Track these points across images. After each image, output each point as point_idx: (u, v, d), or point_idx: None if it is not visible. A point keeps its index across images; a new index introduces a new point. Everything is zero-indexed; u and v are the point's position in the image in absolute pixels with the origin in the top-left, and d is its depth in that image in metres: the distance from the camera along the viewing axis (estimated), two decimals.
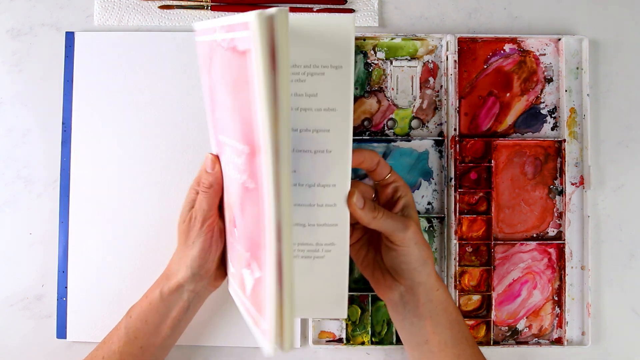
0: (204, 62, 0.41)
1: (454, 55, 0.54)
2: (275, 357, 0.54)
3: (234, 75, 0.34)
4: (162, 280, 0.46)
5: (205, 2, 0.55)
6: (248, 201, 0.36)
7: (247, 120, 0.33)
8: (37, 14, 0.56)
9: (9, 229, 0.55)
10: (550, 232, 0.55)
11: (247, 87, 0.32)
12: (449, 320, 0.44)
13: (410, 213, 0.44)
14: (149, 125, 0.55)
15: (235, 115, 0.35)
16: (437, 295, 0.44)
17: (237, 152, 0.36)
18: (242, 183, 0.36)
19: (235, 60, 0.33)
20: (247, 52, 0.31)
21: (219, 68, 0.37)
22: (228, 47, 0.34)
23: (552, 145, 0.55)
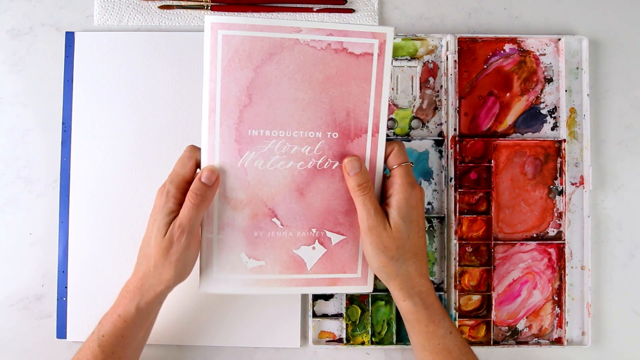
0: (244, 57, 0.42)
1: (454, 55, 0.54)
2: (273, 355, 0.54)
3: (331, 71, 0.43)
4: (135, 294, 0.43)
5: (205, 2, 0.55)
6: (319, 181, 0.44)
7: (342, 110, 0.43)
8: (37, 14, 0.56)
9: (9, 229, 0.55)
10: (550, 232, 0.55)
11: (356, 82, 0.43)
12: (424, 331, 0.44)
13: (391, 214, 0.43)
14: (148, 125, 0.55)
15: (314, 107, 0.43)
16: (403, 305, 0.44)
17: (305, 141, 0.44)
18: (312, 167, 0.44)
19: (341, 60, 0.42)
20: (366, 55, 0.43)
21: (291, 64, 0.42)
22: (327, 47, 0.42)
23: (552, 145, 0.55)
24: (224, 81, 0.42)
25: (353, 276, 0.46)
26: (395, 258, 0.43)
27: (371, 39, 0.42)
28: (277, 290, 0.45)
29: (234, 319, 0.53)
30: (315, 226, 0.45)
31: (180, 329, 0.53)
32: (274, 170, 0.44)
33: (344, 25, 0.42)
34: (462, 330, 0.54)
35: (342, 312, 0.54)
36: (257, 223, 0.44)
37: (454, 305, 0.53)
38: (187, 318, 0.53)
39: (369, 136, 0.44)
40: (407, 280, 0.44)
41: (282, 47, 0.42)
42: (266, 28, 0.41)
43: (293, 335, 0.53)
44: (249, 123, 0.43)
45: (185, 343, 0.53)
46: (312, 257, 0.45)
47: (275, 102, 0.43)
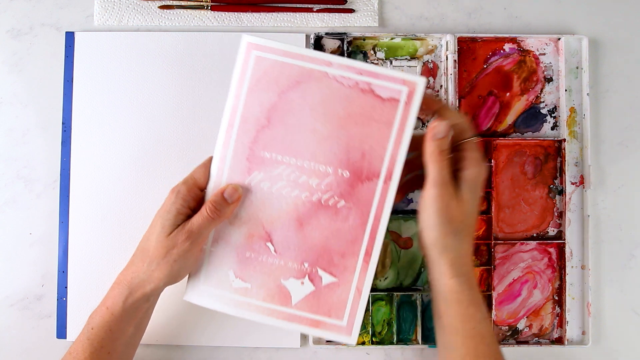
0: (271, 80, 0.43)
1: (454, 55, 0.54)
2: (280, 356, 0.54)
3: (354, 110, 0.42)
4: (124, 288, 0.43)
5: (205, 2, 0.55)
6: (321, 216, 0.43)
7: (358, 150, 0.43)
8: (37, 14, 0.56)
9: (9, 229, 0.55)
10: (550, 232, 0.55)
11: (377, 126, 0.42)
12: (462, 313, 0.42)
13: (462, 187, 0.42)
14: (148, 125, 0.55)
15: (330, 142, 0.43)
16: (449, 282, 0.42)
17: (314, 173, 0.43)
18: (317, 200, 0.43)
19: (367, 100, 0.42)
20: (392, 101, 0.42)
21: (316, 95, 0.42)
22: (355, 86, 0.42)
23: (552, 144, 0.55)
24: (248, 99, 0.43)
25: (337, 323, 0.44)
26: (457, 232, 0.42)
27: (401, 85, 0.42)
28: (256, 317, 0.44)
29: (234, 318, 0.53)
30: (309, 261, 0.44)
31: (180, 329, 0.53)
32: (278, 195, 0.44)
33: (376, 68, 0.42)
34: None
35: None
36: (251, 244, 0.44)
37: None
38: (187, 318, 0.53)
39: (381, 182, 0.43)
40: (459, 257, 0.42)
41: (310, 77, 0.42)
42: (298, 56, 0.42)
43: (293, 335, 0.53)
44: (263, 144, 0.43)
45: (185, 343, 0.53)
46: (299, 292, 0.44)
47: (292, 129, 0.43)
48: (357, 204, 0.43)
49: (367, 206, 0.43)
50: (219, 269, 0.44)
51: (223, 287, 0.44)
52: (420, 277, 0.54)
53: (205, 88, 0.55)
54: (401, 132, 0.42)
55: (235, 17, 0.56)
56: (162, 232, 0.42)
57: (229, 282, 0.44)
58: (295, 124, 0.43)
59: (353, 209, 0.43)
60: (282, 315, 0.44)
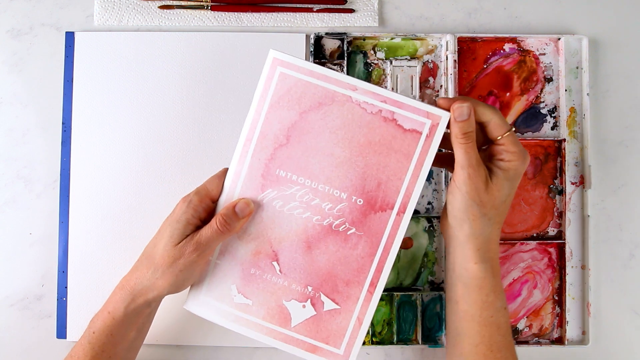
0: (294, 99, 0.42)
1: (454, 55, 0.54)
2: None
3: (375, 138, 0.42)
4: (127, 294, 0.43)
5: (205, 2, 0.55)
6: (330, 241, 0.43)
7: (374, 179, 0.42)
8: (37, 14, 0.56)
9: (9, 229, 0.55)
10: (550, 232, 0.55)
11: (396, 156, 0.42)
12: (481, 299, 0.42)
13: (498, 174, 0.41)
14: (148, 125, 0.55)
15: (347, 167, 0.43)
16: (473, 268, 0.42)
17: (328, 197, 0.43)
18: (327, 224, 0.43)
19: (388, 129, 0.42)
20: (414, 132, 0.42)
21: (337, 119, 0.42)
22: (377, 113, 0.42)
23: (552, 144, 0.55)
24: (268, 116, 0.43)
25: (334, 351, 0.44)
26: (488, 216, 0.41)
27: (424, 118, 0.41)
28: (254, 334, 0.44)
29: None
30: (313, 285, 0.44)
31: (180, 329, 0.53)
32: (289, 215, 0.43)
33: (402, 97, 0.42)
34: None
35: None
36: (257, 261, 0.44)
37: None
38: (187, 318, 0.53)
39: (394, 214, 0.43)
40: (486, 242, 0.42)
41: (333, 100, 0.42)
42: (323, 77, 0.42)
43: None
44: (280, 163, 0.43)
45: (185, 343, 0.53)
46: (300, 315, 0.44)
47: (310, 150, 0.43)
48: (367, 233, 0.43)
49: (378, 237, 0.43)
50: (222, 282, 0.44)
51: (224, 300, 0.44)
52: (420, 277, 0.54)
53: (205, 88, 0.55)
54: (420, 165, 0.42)
55: (235, 17, 0.56)
56: (170, 241, 0.42)
57: (230, 297, 0.44)
58: (314, 145, 0.43)
59: (363, 237, 0.43)
60: (280, 336, 0.44)
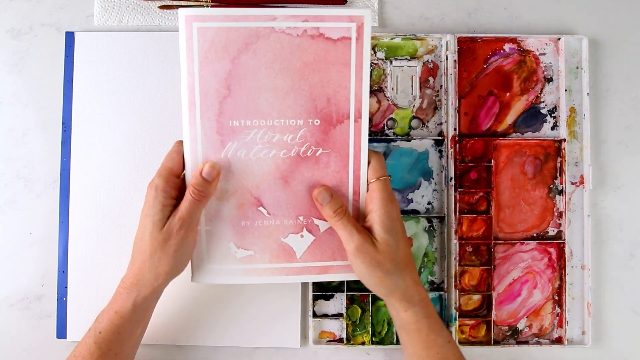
0: (220, 49, 0.42)
1: (454, 55, 0.54)
2: (274, 357, 0.54)
3: (309, 58, 0.42)
4: (131, 290, 0.43)
5: (205, 2, 0.55)
6: (303, 168, 0.44)
7: (323, 96, 0.43)
8: (37, 14, 0.56)
9: (9, 229, 0.55)
10: (550, 232, 0.55)
11: (335, 68, 0.42)
12: (423, 340, 0.44)
13: (376, 230, 0.43)
14: (148, 125, 0.55)
15: (294, 95, 0.43)
16: (404, 316, 0.44)
17: (286, 129, 0.43)
18: (295, 154, 0.44)
19: (319, 45, 0.42)
20: (344, 40, 0.42)
21: (268, 52, 0.42)
22: (304, 34, 0.42)
23: (552, 144, 0.55)
24: (201, 74, 0.42)
25: (344, 264, 0.46)
26: (392, 271, 0.43)
27: (348, 22, 0.42)
28: (267, 279, 0.45)
29: (234, 318, 0.53)
30: (302, 214, 0.45)
31: (180, 329, 0.53)
32: (257, 160, 0.44)
33: (320, 10, 0.42)
34: (462, 330, 0.54)
35: (343, 312, 0.54)
36: (244, 213, 0.45)
37: (454, 305, 0.53)
38: (186, 318, 0.53)
39: (352, 122, 0.44)
40: (406, 291, 0.44)
41: (257, 36, 0.42)
42: (240, 18, 0.42)
43: (293, 335, 0.53)
44: (230, 114, 0.43)
45: (185, 343, 0.53)
46: (301, 245, 0.45)
47: (254, 91, 0.43)
48: (334, 149, 0.44)
49: (345, 148, 0.44)
50: (219, 245, 0.45)
51: (227, 260, 0.45)
52: (420, 277, 0.54)
53: None
54: (360, 68, 0.43)
55: None
56: (155, 228, 0.42)
57: (232, 255, 0.45)
58: (255, 86, 0.43)
59: (332, 154, 0.44)
60: (291, 271, 0.45)
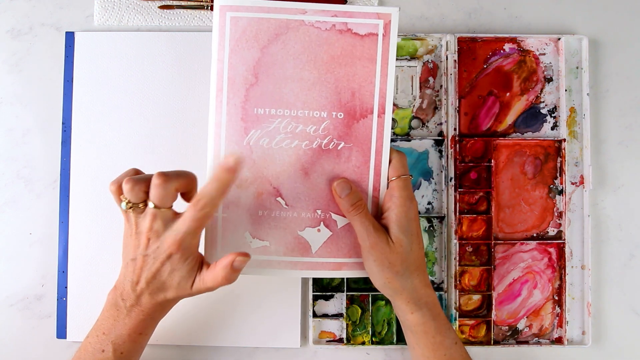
0: (251, 38, 0.43)
1: (454, 55, 0.54)
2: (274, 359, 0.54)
3: (336, 52, 0.43)
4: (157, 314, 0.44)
5: (205, 2, 0.55)
6: (324, 161, 0.44)
7: (347, 90, 0.44)
8: (37, 14, 0.56)
9: (9, 229, 0.55)
10: (550, 232, 0.55)
11: (361, 63, 0.43)
12: (431, 342, 0.44)
13: (392, 229, 0.43)
14: (149, 125, 0.55)
15: (319, 87, 0.44)
16: (411, 317, 0.44)
17: (310, 121, 0.44)
18: (317, 146, 0.44)
19: (346, 40, 0.43)
20: (371, 36, 0.43)
21: (297, 44, 0.43)
22: (332, 28, 0.43)
23: (552, 144, 0.55)
24: (231, 61, 0.43)
25: (358, 261, 0.45)
26: (401, 273, 0.43)
27: (376, 19, 0.43)
28: (281, 272, 0.45)
29: (234, 319, 0.53)
30: (321, 208, 0.45)
31: (180, 329, 0.53)
32: (279, 149, 0.44)
33: (349, 7, 0.43)
34: (462, 330, 0.54)
35: (343, 312, 0.54)
36: (262, 202, 0.44)
37: (454, 305, 0.53)
38: (187, 318, 0.53)
39: (375, 117, 0.44)
40: (414, 292, 0.43)
41: (287, 27, 0.43)
42: (272, 10, 0.43)
43: (293, 335, 0.53)
44: (255, 102, 0.44)
45: (185, 343, 0.53)
46: (317, 240, 0.45)
47: (280, 81, 0.44)
48: (356, 143, 0.44)
49: (367, 143, 0.44)
50: (234, 233, 0.45)
51: (242, 249, 0.44)
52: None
53: (205, 88, 0.55)
54: (385, 64, 0.43)
55: None
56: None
57: (247, 244, 0.45)
58: (282, 75, 0.44)
59: (354, 148, 0.44)
60: (305, 266, 0.45)
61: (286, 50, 0.43)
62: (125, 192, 0.40)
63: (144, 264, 0.41)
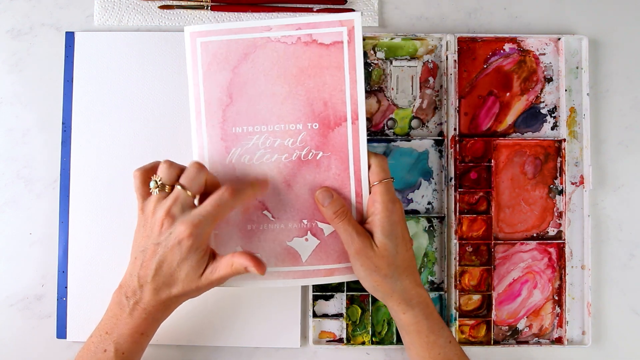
0: (222, 60, 0.45)
1: (454, 55, 0.54)
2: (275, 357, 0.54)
3: (304, 64, 0.44)
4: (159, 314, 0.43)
5: (205, 2, 0.55)
6: (305, 171, 0.45)
7: (319, 100, 0.44)
8: (37, 14, 0.56)
9: (9, 229, 0.55)
10: (550, 232, 0.55)
11: (329, 72, 0.44)
12: (424, 341, 0.44)
13: (376, 234, 0.43)
14: (148, 125, 0.55)
15: (292, 100, 0.44)
16: (403, 318, 0.44)
17: (287, 134, 0.45)
18: (296, 158, 0.45)
19: (313, 51, 0.44)
20: (336, 44, 0.44)
21: (265, 61, 0.44)
22: (298, 41, 0.44)
23: (552, 144, 0.55)
24: (205, 84, 0.45)
25: (349, 265, 0.45)
26: (389, 275, 0.43)
27: (339, 27, 0.44)
28: (274, 283, 0.45)
29: (234, 319, 0.53)
30: (306, 217, 0.45)
31: (180, 329, 0.53)
32: (260, 164, 0.45)
33: (311, 17, 0.44)
34: (462, 330, 0.54)
35: (343, 312, 0.54)
36: (249, 216, 0.45)
37: (454, 305, 0.53)
38: (187, 318, 0.53)
39: (349, 124, 0.45)
40: (404, 293, 0.44)
41: (255, 46, 0.44)
42: (239, 30, 0.44)
43: (293, 335, 0.53)
44: (232, 121, 0.45)
45: (185, 343, 0.53)
46: (306, 249, 0.46)
47: (254, 98, 0.45)
48: (334, 152, 0.45)
49: (344, 150, 0.45)
50: (227, 249, 0.45)
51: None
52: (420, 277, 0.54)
53: None
54: (353, 70, 0.44)
55: (235, 17, 0.56)
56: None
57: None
58: (255, 93, 0.45)
59: (332, 157, 0.45)
60: (296, 275, 0.46)
61: (256, 68, 0.44)
62: (161, 170, 0.42)
63: (153, 254, 0.41)
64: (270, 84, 0.44)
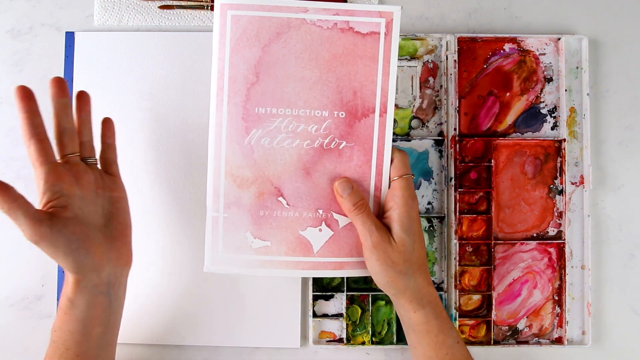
0: (252, 36, 0.43)
1: (454, 55, 0.54)
2: (275, 357, 0.54)
3: (338, 50, 0.43)
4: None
5: (205, 2, 0.55)
6: (326, 160, 0.44)
7: (349, 89, 0.43)
8: (37, 14, 0.56)
9: (9, 229, 0.55)
10: (550, 232, 0.55)
11: (363, 62, 0.43)
12: (433, 341, 0.44)
13: (394, 229, 0.43)
14: (148, 125, 0.55)
15: (321, 86, 0.43)
16: (413, 316, 0.44)
17: (311, 120, 0.44)
18: (318, 146, 0.44)
19: (348, 39, 0.43)
20: (373, 34, 0.43)
21: (298, 43, 0.43)
22: (334, 27, 0.43)
23: (552, 144, 0.55)
24: (232, 60, 0.43)
25: (360, 260, 0.45)
26: (404, 272, 0.43)
27: (378, 18, 0.43)
28: (282, 272, 0.45)
29: (234, 319, 0.53)
30: (322, 207, 0.45)
31: (180, 329, 0.53)
32: (280, 149, 0.44)
33: (351, 5, 0.43)
34: (462, 330, 0.54)
35: (343, 312, 0.54)
36: (263, 202, 0.44)
37: (454, 305, 0.53)
38: (186, 318, 0.53)
39: (377, 116, 0.44)
40: (417, 291, 0.43)
41: (289, 26, 0.43)
42: (273, 8, 0.42)
43: (293, 335, 0.53)
44: (256, 101, 0.43)
45: (185, 343, 0.53)
46: (319, 240, 0.45)
47: (282, 80, 0.43)
48: (358, 142, 0.44)
49: (368, 142, 0.44)
50: (236, 234, 0.44)
51: (243, 250, 0.44)
52: None
53: (206, 88, 0.55)
54: (387, 63, 0.43)
55: None
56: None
57: (248, 244, 0.45)
58: (284, 75, 0.43)
59: (355, 147, 0.44)
60: (306, 266, 0.45)
61: (287, 49, 0.43)
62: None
63: None
64: (300, 67, 0.43)
